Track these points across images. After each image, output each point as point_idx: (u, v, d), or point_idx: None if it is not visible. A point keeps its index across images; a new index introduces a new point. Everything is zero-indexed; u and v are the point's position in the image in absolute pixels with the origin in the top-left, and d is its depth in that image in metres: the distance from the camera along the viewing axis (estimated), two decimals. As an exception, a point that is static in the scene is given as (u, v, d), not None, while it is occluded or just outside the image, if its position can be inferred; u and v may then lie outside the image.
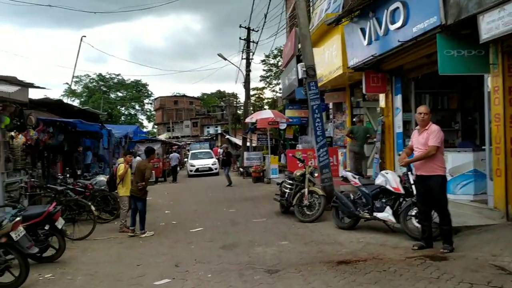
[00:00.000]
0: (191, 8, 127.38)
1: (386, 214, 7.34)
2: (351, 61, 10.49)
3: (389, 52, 8.93)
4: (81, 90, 70.28)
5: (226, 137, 40.11)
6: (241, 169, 25.36)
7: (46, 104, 12.41)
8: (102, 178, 12.81)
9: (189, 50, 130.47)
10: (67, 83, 68.99)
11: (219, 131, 61.18)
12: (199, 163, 28.26)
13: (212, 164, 28.04)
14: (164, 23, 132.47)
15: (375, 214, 7.54)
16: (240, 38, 25.42)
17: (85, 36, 19.18)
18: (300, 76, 10.65)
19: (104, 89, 73.39)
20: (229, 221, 10.05)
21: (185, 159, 30.17)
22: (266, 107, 70.80)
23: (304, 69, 10.56)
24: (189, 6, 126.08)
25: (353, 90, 13.89)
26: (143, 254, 7.39)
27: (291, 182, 9.88)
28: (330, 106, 16.30)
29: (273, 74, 58.64)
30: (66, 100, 30.01)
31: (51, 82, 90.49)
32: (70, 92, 57.25)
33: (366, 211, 7.68)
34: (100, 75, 72.83)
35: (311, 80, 10.63)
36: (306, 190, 9.32)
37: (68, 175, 11.70)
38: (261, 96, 69.04)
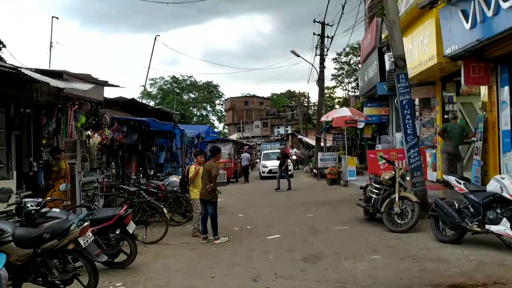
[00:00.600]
0: (261, 9, 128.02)
1: (503, 228, 6.09)
2: (448, 49, 9.17)
3: (500, 35, 7.56)
4: (156, 92, 72.78)
5: (298, 137, 38.97)
6: (314, 171, 24.38)
7: (120, 103, 12.34)
8: (175, 178, 12.53)
9: (260, 51, 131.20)
10: (143, 85, 72.18)
11: (289, 131, 60.47)
12: (272, 164, 25.97)
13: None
14: (235, 25, 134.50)
15: (487, 226, 6.30)
16: (314, 34, 24.44)
17: (159, 35, 19.05)
18: (387, 68, 9.56)
19: (177, 90, 75.30)
20: (308, 227, 9.19)
21: (257, 160, 29.35)
22: (337, 106, 69.24)
23: (393, 59, 9.45)
24: (259, 7, 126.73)
25: (444, 84, 12.42)
26: (217, 263, 6.75)
27: (378, 186, 8.80)
28: (416, 102, 14.87)
29: (344, 73, 56.84)
30: (142, 101, 30.77)
31: (130, 86, 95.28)
32: (146, 94, 59.45)
33: (476, 223, 6.46)
34: (173, 77, 75.13)
35: (400, 72, 9.49)
36: (396, 195, 8.21)
37: (141, 175, 11.49)
38: (332, 95, 67.61)
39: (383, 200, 8.53)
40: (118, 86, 10.73)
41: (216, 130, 48.42)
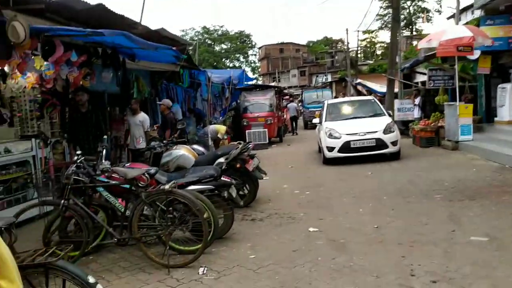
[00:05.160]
0: None
1: None
2: None
3: None
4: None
5: (356, 82, 31.19)
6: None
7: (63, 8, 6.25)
8: (182, 152, 6.74)
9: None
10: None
11: (329, 79, 52.72)
12: (350, 130, 10.93)
13: (385, 132, 10.81)
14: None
15: None
16: None
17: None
18: None
19: (209, 42, 71.31)
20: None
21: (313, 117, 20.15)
22: (378, 52, 61.43)
23: None
24: None
25: None
26: None
27: None
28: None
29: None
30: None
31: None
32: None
33: None
34: (204, 27, 71.56)
35: None
36: None
37: (104, 149, 5.46)
38: (373, 40, 60.53)
39: None
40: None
41: (252, 77, 40.68)
